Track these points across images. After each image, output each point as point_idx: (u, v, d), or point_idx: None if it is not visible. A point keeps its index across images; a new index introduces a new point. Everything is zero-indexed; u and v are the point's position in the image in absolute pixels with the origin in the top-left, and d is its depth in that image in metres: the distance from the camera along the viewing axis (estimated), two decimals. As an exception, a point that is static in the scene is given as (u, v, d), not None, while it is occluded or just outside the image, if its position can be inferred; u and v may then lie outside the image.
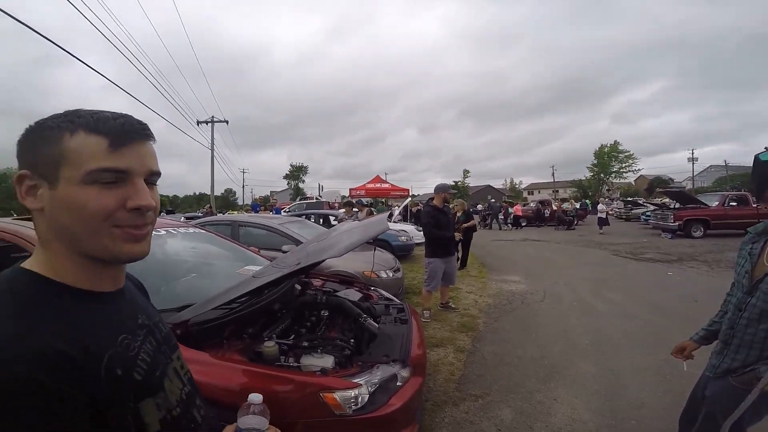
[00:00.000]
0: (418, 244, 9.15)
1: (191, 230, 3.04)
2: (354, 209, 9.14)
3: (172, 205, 63.04)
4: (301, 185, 56.72)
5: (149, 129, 0.60)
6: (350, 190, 17.08)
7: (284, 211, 16.30)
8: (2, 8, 5.21)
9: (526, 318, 4.87)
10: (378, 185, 17.50)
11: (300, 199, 28.62)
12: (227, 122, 24.21)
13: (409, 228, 10.22)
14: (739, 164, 46.09)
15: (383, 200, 18.68)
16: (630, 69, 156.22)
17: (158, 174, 0.61)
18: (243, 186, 60.27)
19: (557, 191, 61.17)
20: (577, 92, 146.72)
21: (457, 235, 5.31)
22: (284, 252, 4.50)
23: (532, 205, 24.60)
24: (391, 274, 4.87)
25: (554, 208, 21.34)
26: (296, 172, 58.15)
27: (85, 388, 0.49)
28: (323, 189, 32.65)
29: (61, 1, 6.57)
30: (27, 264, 0.58)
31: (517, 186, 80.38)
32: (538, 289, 6.33)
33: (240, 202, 68.46)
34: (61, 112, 0.57)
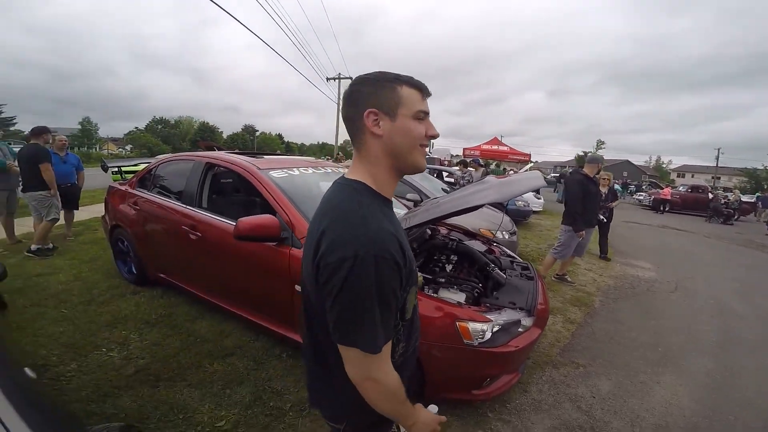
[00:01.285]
0: (534, 212, 8.89)
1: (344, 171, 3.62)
2: (469, 168, 9.21)
3: (300, 152, 70.00)
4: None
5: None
6: (464, 149, 16.73)
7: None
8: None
9: (649, 305, 4.59)
10: (495, 147, 16.75)
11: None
12: (351, 79, 25.70)
13: (528, 194, 9.92)
14: None
15: (497, 163, 17.95)
16: None
17: (427, 113, 0.84)
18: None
19: (718, 178, 49.98)
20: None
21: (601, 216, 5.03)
22: (408, 200, 5.00)
23: (681, 189, 20.77)
24: (506, 236, 5.00)
25: (711, 196, 17.75)
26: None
27: (404, 267, 0.77)
28: (433, 146, 32.58)
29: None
30: (358, 177, 0.84)
31: (664, 165, 68.04)
32: (669, 279, 5.75)
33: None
34: (376, 71, 0.84)
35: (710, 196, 17.93)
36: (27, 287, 3.62)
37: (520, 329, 2.14)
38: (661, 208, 18.30)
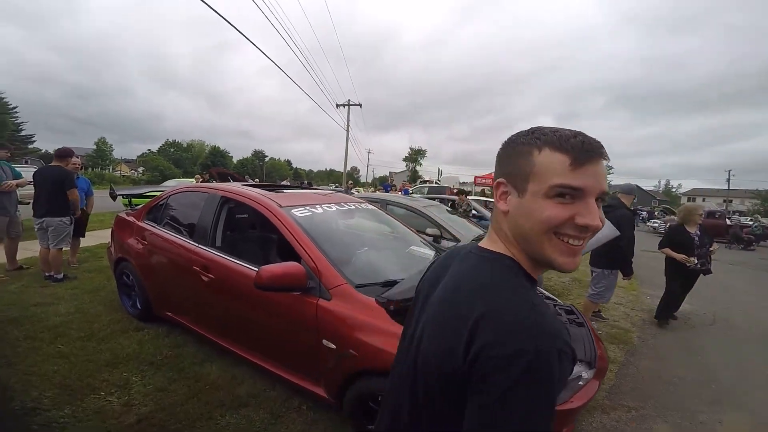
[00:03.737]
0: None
1: (367, 206, 3.33)
2: (467, 197, 9.03)
3: (308, 178, 70.98)
4: (418, 168, 57.77)
5: (604, 148, 0.62)
6: (475, 177, 16.54)
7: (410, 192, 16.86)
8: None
9: (690, 339, 4.24)
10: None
11: (420, 182, 29.28)
12: (360, 105, 26.54)
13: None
14: None
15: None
16: None
17: (607, 193, 0.63)
18: (368, 165, 64.37)
19: (730, 201, 49.37)
20: None
21: (692, 261, 4.37)
22: (429, 235, 4.73)
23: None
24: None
25: (729, 222, 17.31)
26: (415, 156, 59.39)
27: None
28: (442, 174, 32.54)
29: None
30: (501, 250, 0.68)
31: (673, 190, 67.61)
32: (705, 311, 5.37)
33: (362, 180, 73.44)
34: (527, 129, 0.67)
35: (728, 222, 17.51)
36: (23, 318, 3.39)
37: (580, 383, 1.88)
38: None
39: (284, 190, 3.13)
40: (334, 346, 1.98)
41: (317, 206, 2.78)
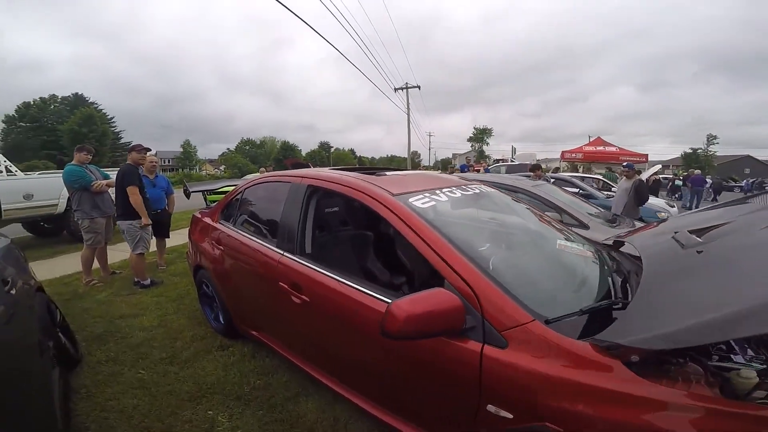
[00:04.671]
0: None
1: (489, 189, 2.42)
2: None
3: (370, 165, 71.68)
4: (485, 147, 54.75)
5: None
6: (563, 152, 14.66)
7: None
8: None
9: None
10: (600, 148, 14.40)
11: (494, 161, 27.29)
12: (419, 87, 25.63)
13: (664, 204, 7.87)
14: None
15: (608, 166, 15.49)
16: None
17: None
18: (429, 148, 62.76)
19: None
20: None
21: None
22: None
23: None
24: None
25: None
26: (480, 135, 56.09)
27: None
28: (516, 152, 30.01)
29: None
30: None
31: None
32: None
33: (424, 164, 72.05)
34: None
35: None
36: (107, 334, 3.12)
37: None
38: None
39: (385, 173, 2.37)
40: (509, 416, 1.21)
41: (438, 192, 1.97)
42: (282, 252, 2.16)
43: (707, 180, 15.82)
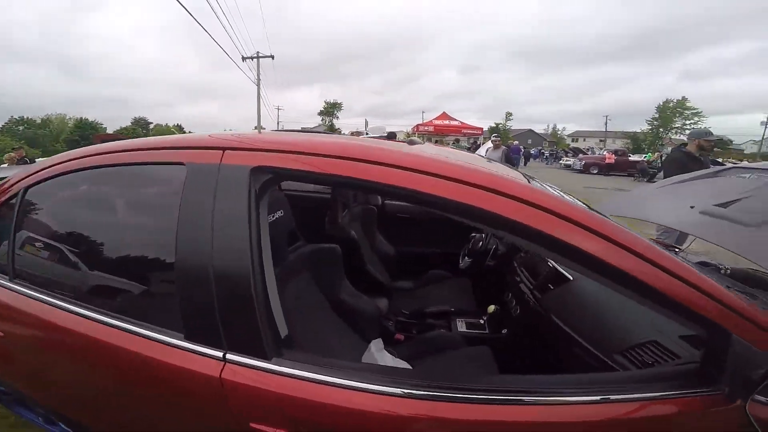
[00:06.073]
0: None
1: None
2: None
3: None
4: (335, 121, 54.97)
5: None
6: (417, 125, 15.59)
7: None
8: None
9: None
10: (446, 122, 15.83)
11: (350, 133, 27.09)
12: (273, 57, 22.96)
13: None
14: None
15: (456, 138, 17.06)
16: (719, 26, 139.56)
17: None
18: (278, 122, 59.22)
19: (603, 141, 57.45)
20: (651, 44, 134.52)
21: None
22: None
23: (605, 153, 23.96)
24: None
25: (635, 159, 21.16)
26: (330, 109, 55.90)
27: None
28: (369, 125, 30.84)
29: None
30: None
31: (559, 132, 75.79)
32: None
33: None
34: None
35: (631, 158, 21.37)
36: None
37: None
38: (591, 171, 20.66)
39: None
40: None
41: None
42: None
43: (521, 149, 19.53)
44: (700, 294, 0.77)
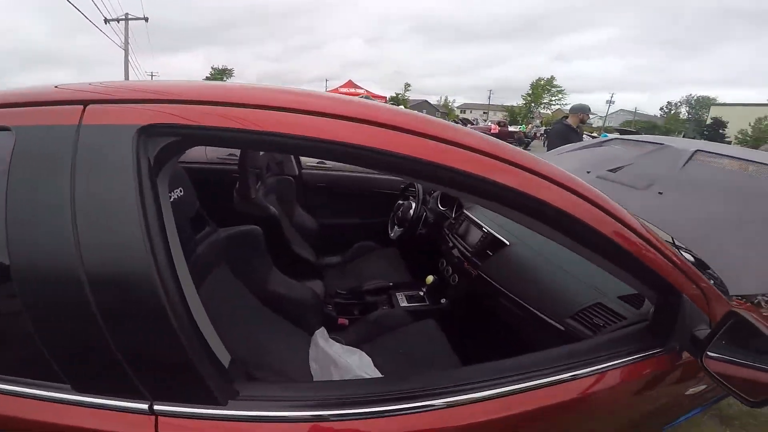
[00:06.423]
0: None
1: None
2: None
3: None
4: (226, 90, 49.55)
5: None
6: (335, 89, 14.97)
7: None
8: None
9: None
10: (352, 90, 15.53)
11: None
12: (146, 19, 19.01)
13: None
14: (646, 112, 56.34)
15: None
16: (588, 14, 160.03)
17: None
18: (150, 88, 50.96)
19: (487, 113, 63.59)
20: (529, 26, 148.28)
21: None
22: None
23: (490, 124, 26.21)
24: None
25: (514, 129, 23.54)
26: (218, 76, 49.96)
27: None
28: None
29: None
30: None
31: (450, 104, 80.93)
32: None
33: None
34: None
35: (509, 129, 23.87)
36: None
37: None
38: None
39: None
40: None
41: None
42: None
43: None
44: (662, 257, 0.76)
